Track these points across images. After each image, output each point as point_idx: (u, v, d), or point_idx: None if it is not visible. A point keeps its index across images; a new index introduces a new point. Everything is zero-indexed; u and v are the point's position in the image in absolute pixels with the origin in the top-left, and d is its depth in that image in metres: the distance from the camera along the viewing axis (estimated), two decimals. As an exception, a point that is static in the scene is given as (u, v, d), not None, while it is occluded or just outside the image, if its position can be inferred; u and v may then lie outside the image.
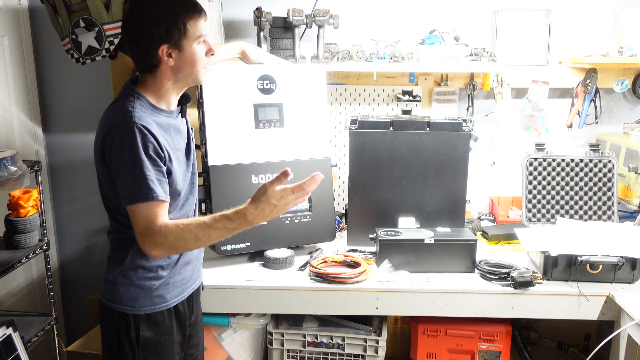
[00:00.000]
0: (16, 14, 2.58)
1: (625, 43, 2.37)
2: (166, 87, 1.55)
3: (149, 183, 1.43)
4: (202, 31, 1.52)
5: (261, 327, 2.13)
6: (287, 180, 1.43)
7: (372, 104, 2.64)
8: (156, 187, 1.45)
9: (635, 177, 2.34)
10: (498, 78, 2.53)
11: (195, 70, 1.54)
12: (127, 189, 1.45)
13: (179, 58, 1.51)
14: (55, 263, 2.88)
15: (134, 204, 1.44)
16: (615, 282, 1.96)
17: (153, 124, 1.49)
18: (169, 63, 1.50)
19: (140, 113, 1.47)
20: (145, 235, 1.45)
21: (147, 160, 1.44)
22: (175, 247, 1.48)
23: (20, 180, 2.14)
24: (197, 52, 1.52)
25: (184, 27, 1.48)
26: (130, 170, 1.44)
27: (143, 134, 1.44)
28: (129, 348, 1.58)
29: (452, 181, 2.23)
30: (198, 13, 1.51)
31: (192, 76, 1.55)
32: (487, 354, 2.14)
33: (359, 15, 2.60)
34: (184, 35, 1.49)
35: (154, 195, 1.44)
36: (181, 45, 1.49)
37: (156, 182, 1.45)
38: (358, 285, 1.96)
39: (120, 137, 1.44)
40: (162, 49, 1.48)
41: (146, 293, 1.58)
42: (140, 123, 1.45)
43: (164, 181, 1.48)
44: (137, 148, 1.43)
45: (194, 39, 1.50)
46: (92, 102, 2.72)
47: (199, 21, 1.51)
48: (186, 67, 1.52)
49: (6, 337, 2.05)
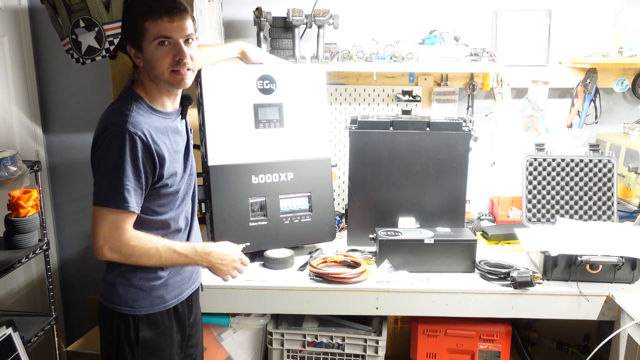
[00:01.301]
0: (16, 14, 2.58)
1: (625, 43, 2.37)
2: (151, 87, 1.54)
3: (124, 192, 1.43)
4: (161, 34, 1.45)
5: (261, 327, 2.13)
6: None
7: (372, 104, 2.64)
8: (130, 198, 1.45)
9: (635, 177, 2.34)
10: (498, 78, 2.53)
11: (159, 73, 1.49)
12: (102, 188, 1.45)
13: (144, 59, 1.49)
14: (55, 263, 2.88)
15: (103, 206, 1.45)
16: (615, 282, 1.96)
17: (149, 128, 1.48)
18: (139, 63, 1.51)
19: (136, 118, 1.47)
20: (109, 238, 1.46)
21: (130, 169, 1.44)
22: (137, 258, 1.51)
23: (20, 180, 2.14)
24: (155, 54, 1.47)
25: (141, 28, 1.45)
26: (110, 173, 1.44)
27: (133, 141, 1.44)
28: (128, 349, 1.58)
29: (452, 181, 2.23)
30: (157, 14, 1.44)
31: (161, 79, 1.50)
32: (487, 354, 2.14)
33: (359, 15, 2.60)
34: (142, 37, 1.46)
35: (126, 205, 1.44)
36: (141, 46, 1.47)
37: (132, 193, 1.45)
38: (358, 285, 1.96)
39: (109, 141, 1.44)
40: (129, 48, 1.50)
41: (145, 294, 1.58)
42: (133, 130, 1.44)
43: (140, 192, 1.48)
44: (124, 155, 1.43)
45: (150, 40, 1.46)
46: (92, 102, 2.72)
47: (155, 23, 1.44)
48: (150, 69, 1.50)
49: (6, 337, 2.05)
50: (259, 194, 2.10)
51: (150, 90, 1.54)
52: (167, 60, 1.48)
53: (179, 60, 1.48)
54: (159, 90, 1.54)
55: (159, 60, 1.47)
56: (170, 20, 1.45)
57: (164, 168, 1.52)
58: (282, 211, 2.14)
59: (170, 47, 1.48)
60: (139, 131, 1.45)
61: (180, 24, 1.47)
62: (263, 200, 2.11)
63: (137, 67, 1.54)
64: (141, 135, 1.45)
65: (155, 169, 1.49)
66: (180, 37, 1.48)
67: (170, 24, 1.46)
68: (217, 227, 2.03)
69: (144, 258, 1.51)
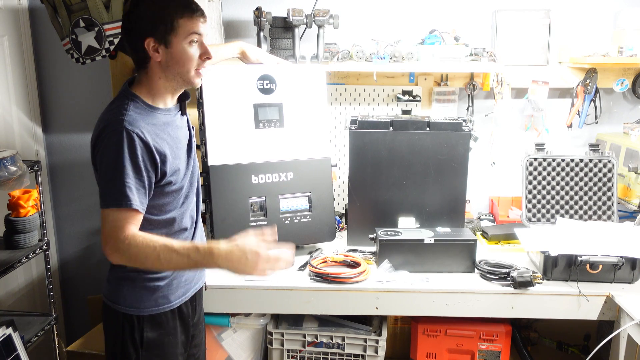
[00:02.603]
0: (16, 14, 2.58)
1: (625, 43, 2.37)
2: (158, 86, 1.53)
3: (125, 190, 1.42)
4: (195, 31, 1.48)
5: (261, 327, 2.13)
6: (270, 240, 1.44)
7: (372, 104, 2.64)
8: (133, 195, 1.43)
9: (635, 177, 2.34)
10: (498, 78, 2.53)
11: (184, 71, 1.50)
12: (105, 190, 1.45)
13: (166, 54, 1.48)
14: (55, 263, 2.88)
15: (107, 208, 1.44)
16: (615, 282, 1.96)
17: (146, 126, 1.47)
18: (156, 58, 1.48)
19: (132, 116, 1.46)
20: (110, 238, 1.43)
21: (130, 167, 1.43)
22: (135, 259, 1.44)
23: (20, 180, 2.14)
24: (186, 51, 1.48)
25: (171, 24, 1.45)
26: (110, 174, 1.43)
27: (131, 139, 1.43)
28: (132, 349, 1.58)
29: (452, 181, 2.23)
30: (190, 11, 1.47)
31: (182, 77, 1.51)
32: (487, 354, 2.14)
33: (359, 15, 2.60)
34: (172, 32, 1.46)
35: (128, 203, 1.43)
36: (168, 41, 1.47)
37: (134, 191, 1.44)
38: (358, 285, 1.96)
39: (108, 140, 1.44)
40: (148, 42, 1.46)
41: (150, 294, 1.58)
42: (130, 128, 1.44)
43: (143, 191, 1.46)
44: (122, 153, 1.42)
45: (183, 36, 1.47)
46: (92, 102, 2.73)
47: (190, 20, 1.47)
48: (174, 65, 1.49)
49: (6, 337, 2.05)
50: (259, 194, 2.10)
51: (157, 87, 1.53)
52: (195, 60, 1.51)
53: (205, 60, 1.52)
54: (165, 88, 1.53)
55: (189, 58, 1.49)
56: (203, 20, 1.50)
57: (166, 164, 1.51)
58: (282, 211, 2.14)
59: (198, 46, 1.51)
60: (137, 129, 1.44)
61: (205, 24, 1.52)
62: (263, 200, 2.11)
63: (138, 66, 1.52)
64: (139, 132, 1.44)
65: (157, 167, 1.48)
66: (204, 37, 1.52)
67: (201, 24, 1.50)
68: (217, 227, 2.03)
69: (141, 258, 1.43)
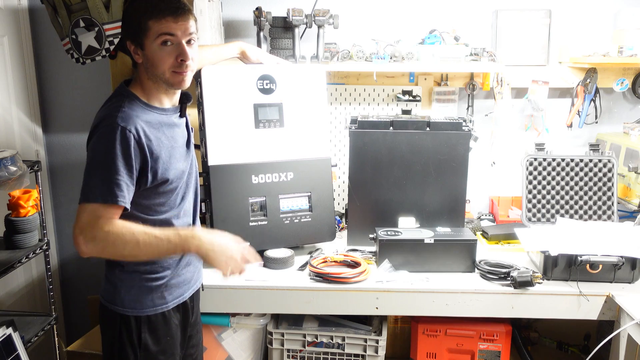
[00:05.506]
0: (16, 14, 2.58)
1: (625, 43, 2.37)
2: (149, 86, 1.53)
3: (114, 186, 1.42)
4: (165, 32, 1.45)
5: (261, 327, 2.13)
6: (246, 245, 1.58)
7: (372, 104, 2.64)
8: (121, 192, 1.42)
9: (635, 177, 2.34)
10: (498, 78, 2.53)
11: (160, 72, 1.48)
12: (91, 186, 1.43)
13: (143, 56, 1.49)
14: (55, 263, 2.88)
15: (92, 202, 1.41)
16: (615, 282, 1.96)
17: (141, 123, 1.47)
18: (138, 60, 1.50)
19: (127, 112, 1.46)
20: (88, 226, 1.40)
21: (121, 163, 1.43)
22: (113, 246, 1.40)
23: (20, 180, 2.14)
24: (157, 53, 1.46)
25: (141, 25, 1.45)
26: (100, 168, 1.43)
27: (124, 135, 1.43)
28: (130, 350, 1.58)
29: (452, 181, 2.23)
30: (159, 12, 1.44)
31: (161, 78, 1.50)
32: (487, 354, 2.14)
33: (359, 15, 2.60)
34: (143, 34, 1.46)
35: (116, 199, 1.42)
36: (141, 43, 1.47)
37: (123, 187, 1.43)
38: (358, 285, 1.96)
39: (100, 135, 1.44)
40: (129, 45, 1.50)
41: (147, 295, 1.58)
42: (124, 124, 1.43)
43: (131, 188, 1.46)
44: (114, 148, 1.42)
45: (153, 38, 1.45)
46: (92, 102, 2.71)
47: (159, 22, 1.44)
48: (150, 67, 1.49)
49: (6, 337, 2.05)
50: (259, 194, 2.10)
51: (148, 87, 1.53)
52: (169, 61, 1.48)
53: (181, 62, 1.48)
54: (156, 89, 1.54)
55: (161, 60, 1.47)
56: (174, 20, 1.45)
57: (159, 163, 1.50)
58: (282, 211, 2.14)
59: (173, 47, 1.47)
60: (130, 126, 1.44)
61: (183, 24, 1.47)
62: (263, 200, 2.11)
63: (135, 65, 1.53)
64: (132, 129, 1.44)
65: (147, 165, 1.47)
66: (183, 38, 1.48)
67: (174, 24, 1.45)
68: (217, 227, 2.03)
69: (119, 245, 1.40)
